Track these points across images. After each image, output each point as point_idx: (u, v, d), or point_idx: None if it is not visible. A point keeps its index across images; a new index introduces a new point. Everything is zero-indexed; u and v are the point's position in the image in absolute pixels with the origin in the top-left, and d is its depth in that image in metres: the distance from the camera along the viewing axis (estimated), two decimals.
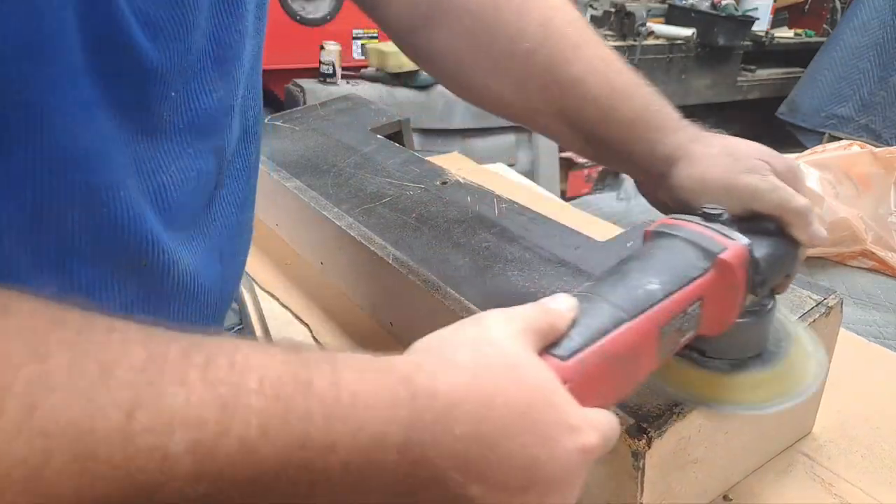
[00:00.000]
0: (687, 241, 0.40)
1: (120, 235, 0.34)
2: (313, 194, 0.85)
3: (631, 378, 0.37)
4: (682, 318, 0.38)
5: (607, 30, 3.08)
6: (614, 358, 0.34)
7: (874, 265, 1.11)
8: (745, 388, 0.45)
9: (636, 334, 0.35)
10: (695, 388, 0.45)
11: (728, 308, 0.41)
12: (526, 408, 0.28)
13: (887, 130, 2.64)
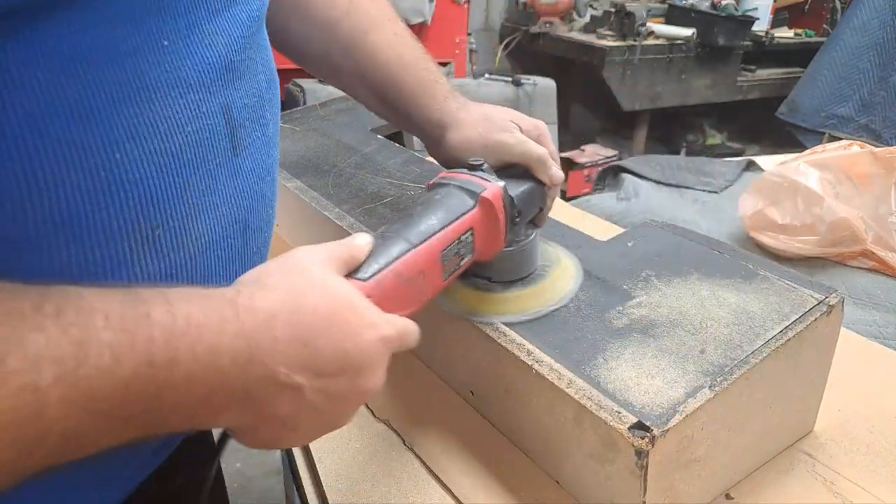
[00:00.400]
0: (457, 187, 0.52)
1: (122, 200, 0.35)
2: (314, 194, 0.85)
3: (423, 292, 0.46)
4: (458, 245, 0.49)
5: (607, 30, 3.08)
6: (405, 277, 0.44)
7: (874, 265, 1.11)
8: (511, 302, 0.58)
9: (421, 258, 0.45)
10: (475, 306, 0.58)
11: (494, 236, 0.53)
12: (331, 312, 0.35)
13: (887, 130, 2.64)
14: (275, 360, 0.32)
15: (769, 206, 1.14)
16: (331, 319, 0.35)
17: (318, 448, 0.61)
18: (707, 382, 0.47)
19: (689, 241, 0.65)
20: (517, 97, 2.61)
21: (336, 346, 0.35)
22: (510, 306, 0.57)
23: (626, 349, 0.51)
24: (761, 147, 3.81)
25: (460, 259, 0.50)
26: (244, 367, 0.32)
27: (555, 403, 0.50)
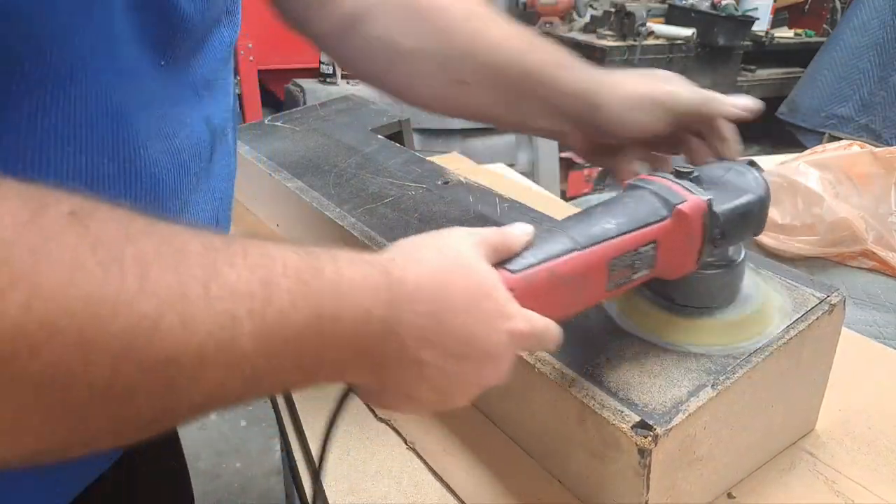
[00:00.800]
0: (653, 193, 0.46)
1: (138, 189, 0.40)
2: (315, 195, 0.85)
3: (578, 300, 0.43)
4: (633, 256, 0.44)
5: (607, 30, 3.09)
6: (560, 279, 0.40)
7: (874, 265, 1.11)
8: (706, 331, 0.50)
9: (583, 262, 0.41)
10: (661, 330, 0.51)
11: (684, 254, 0.46)
12: (471, 296, 0.35)
13: (887, 130, 2.65)
14: (409, 332, 0.34)
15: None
16: (468, 303, 0.35)
17: (318, 448, 0.61)
18: (710, 381, 0.47)
19: None
20: None
21: (466, 330, 0.35)
22: (707, 338, 0.50)
23: (629, 349, 0.51)
24: (761, 147, 3.81)
25: (633, 272, 0.45)
26: (385, 336, 0.33)
27: (557, 403, 0.50)
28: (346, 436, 0.62)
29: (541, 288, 0.40)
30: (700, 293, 0.51)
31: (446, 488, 0.56)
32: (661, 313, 0.52)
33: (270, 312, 0.28)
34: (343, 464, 0.59)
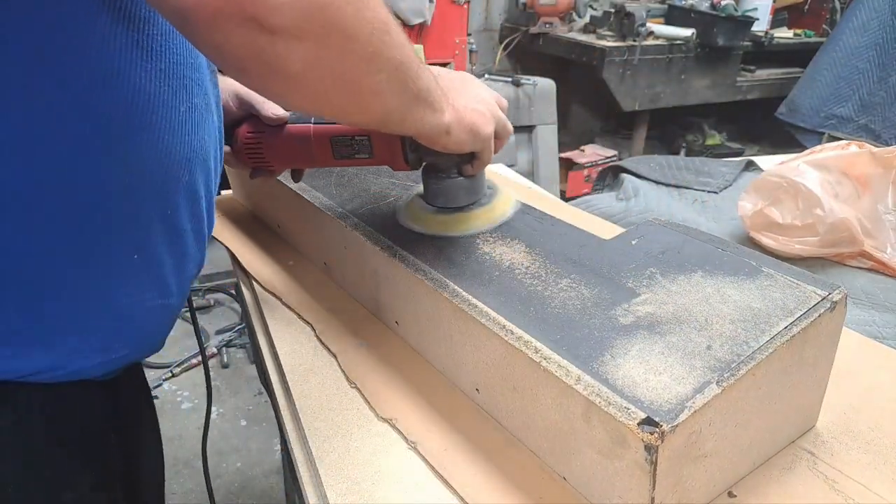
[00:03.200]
0: None
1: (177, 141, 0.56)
2: (316, 195, 0.85)
3: (317, 156, 0.74)
4: (350, 140, 0.71)
5: (607, 30, 3.09)
6: (294, 138, 0.74)
7: (873, 265, 1.11)
8: (457, 222, 0.73)
9: (317, 132, 0.72)
10: (435, 226, 0.73)
11: (392, 153, 0.70)
12: (463, 78, 0.68)
13: (886, 131, 2.65)
14: (443, 86, 0.59)
15: (768, 207, 1.14)
16: (464, 79, 0.68)
17: (318, 448, 0.61)
18: (714, 378, 0.47)
19: (692, 239, 0.66)
20: (517, 97, 2.62)
21: (470, 87, 0.67)
22: (456, 226, 0.73)
23: (633, 346, 0.51)
24: (761, 147, 3.82)
25: (354, 152, 0.72)
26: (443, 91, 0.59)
27: (563, 400, 0.51)
28: (348, 436, 0.62)
29: (286, 137, 0.74)
30: (448, 197, 0.74)
31: (448, 487, 0.56)
32: (430, 214, 0.74)
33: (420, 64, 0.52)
34: (343, 464, 0.59)
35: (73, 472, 0.56)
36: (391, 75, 0.48)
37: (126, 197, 0.51)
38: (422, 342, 0.71)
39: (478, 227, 0.72)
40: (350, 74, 0.45)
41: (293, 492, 1.32)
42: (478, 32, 3.46)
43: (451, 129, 0.59)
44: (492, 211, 0.74)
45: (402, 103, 0.52)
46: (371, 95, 0.48)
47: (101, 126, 0.48)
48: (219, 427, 1.99)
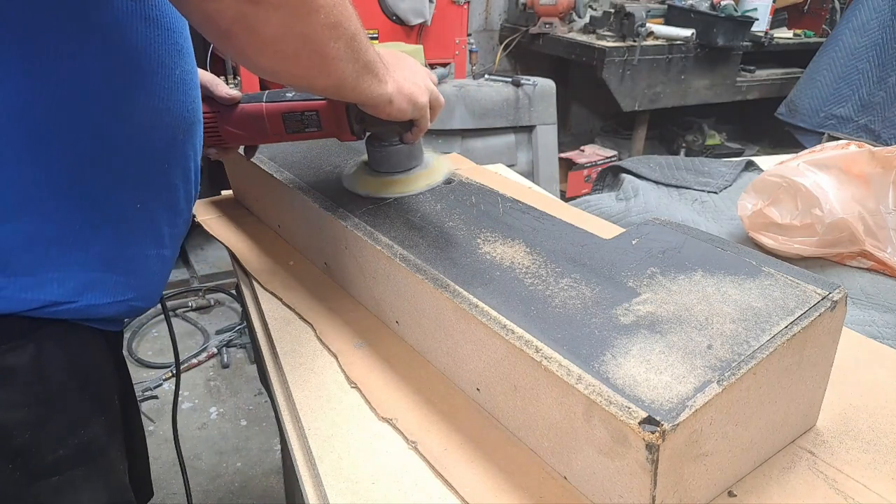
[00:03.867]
0: None
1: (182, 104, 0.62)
2: (317, 195, 0.85)
3: (270, 130, 0.82)
4: (300, 115, 0.80)
5: (607, 30, 3.09)
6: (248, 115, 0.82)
7: (872, 265, 1.11)
8: (396, 185, 0.83)
9: (269, 110, 0.81)
10: (381, 189, 0.83)
11: (339, 126, 0.79)
12: (398, 56, 0.74)
13: (886, 130, 2.65)
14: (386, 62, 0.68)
15: (768, 207, 1.14)
16: (399, 56, 0.74)
17: (318, 447, 0.61)
18: (715, 377, 0.47)
19: (692, 239, 0.66)
20: (517, 97, 2.62)
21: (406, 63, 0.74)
22: (396, 187, 0.82)
23: (634, 345, 0.51)
24: (760, 147, 3.82)
25: (304, 126, 0.81)
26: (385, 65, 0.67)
27: (564, 399, 0.51)
28: (348, 436, 0.62)
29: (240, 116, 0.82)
30: (392, 163, 0.84)
31: (448, 487, 0.56)
32: (374, 178, 0.84)
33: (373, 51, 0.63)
34: (343, 464, 0.59)
35: (89, 413, 0.59)
36: (347, 44, 0.58)
37: (130, 152, 0.56)
38: (422, 342, 0.71)
39: (420, 187, 0.83)
40: (316, 38, 0.54)
41: (293, 492, 1.32)
42: (478, 32, 3.46)
43: (393, 98, 0.68)
44: (431, 174, 0.85)
45: (355, 70, 0.61)
46: (331, 60, 0.57)
47: (106, 84, 0.53)
48: (219, 427, 1.99)
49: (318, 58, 0.56)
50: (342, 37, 0.57)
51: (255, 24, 0.50)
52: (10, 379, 0.52)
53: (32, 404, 0.54)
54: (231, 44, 0.52)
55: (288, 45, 0.53)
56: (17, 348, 0.52)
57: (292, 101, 0.80)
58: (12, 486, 0.53)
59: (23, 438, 0.53)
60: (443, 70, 2.53)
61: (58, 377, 0.56)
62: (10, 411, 0.52)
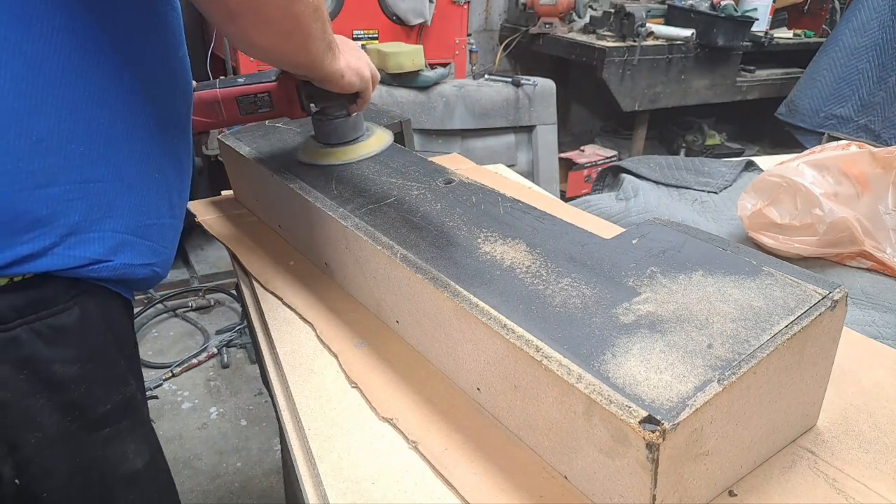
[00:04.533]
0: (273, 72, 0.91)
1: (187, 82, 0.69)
2: (317, 195, 0.85)
3: (227, 114, 0.90)
4: (253, 98, 0.89)
5: (607, 30, 3.09)
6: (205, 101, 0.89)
7: (872, 265, 1.11)
8: (340, 153, 0.94)
9: (220, 95, 0.89)
10: (330, 158, 0.94)
11: (290, 104, 0.90)
12: (341, 37, 0.82)
13: (886, 131, 2.65)
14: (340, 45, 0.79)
15: (768, 207, 1.14)
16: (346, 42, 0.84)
17: (318, 447, 0.61)
18: (715, 376, 0.47)
19: (692, 238, 0.66)
20: (517, 97, 2.62)
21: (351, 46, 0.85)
22: (344, 156, 0.93)
23: (634, 345, 0.51)
24: (761, 147, 3.82)
25: (258, 108, 0.90)
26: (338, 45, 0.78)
27: (564, 399, 0.51)
28: (348, 436, 0.62)
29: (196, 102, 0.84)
30: (338, 134, 0.94)
31: (448, 487, 0.56)
32: (321, 149, 0.95)
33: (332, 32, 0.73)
34: (343, 463, 0.59)
35: (125, 372, 0.64)
36: (322, 25, 0.68)
37: (154, 123, 0.61)
38: (422, 341, 0.71)
39: (364, 154, 0.94)
40: (304, 20, 0.64)
41: (293, 492, 1.32)
42: (478, 32, 3.46)
43: (344, 72, 0.80)
44: (374, 141, 0.96)
45: (323, 48, 0.72)
46: (312, 39, 0.68)
47: (149, 56, 0.60)
48: (219, 427, 1.99)
49: (303, 37, 0.66)
50: (319, 18, 0.67)
51: (260, 6, 0.59)
52: (63, 337, 0.56)
53: (83, 361, 0.58)
54: (236, 24, 0.60)
55: (284, 25, 0.63)
56: (65, 310, 0.56)
57: (245, 84, 0.89)
58: (71, 437, 0.58)
59: (78, 392, 0.58)
60: (443, 70, 2.53)
61: (100, 337, 0.60)
62: (66, 367, 0.57)
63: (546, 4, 3.15)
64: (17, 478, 0.56)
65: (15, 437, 0.55)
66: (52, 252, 0.53)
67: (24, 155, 0.50)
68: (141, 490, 0.65)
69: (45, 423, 0.56)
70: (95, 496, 0.61)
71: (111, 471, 0.62)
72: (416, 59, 2.31)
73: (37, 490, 0.57)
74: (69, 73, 0.52)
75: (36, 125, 0.51)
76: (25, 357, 0.54)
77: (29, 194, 0.51)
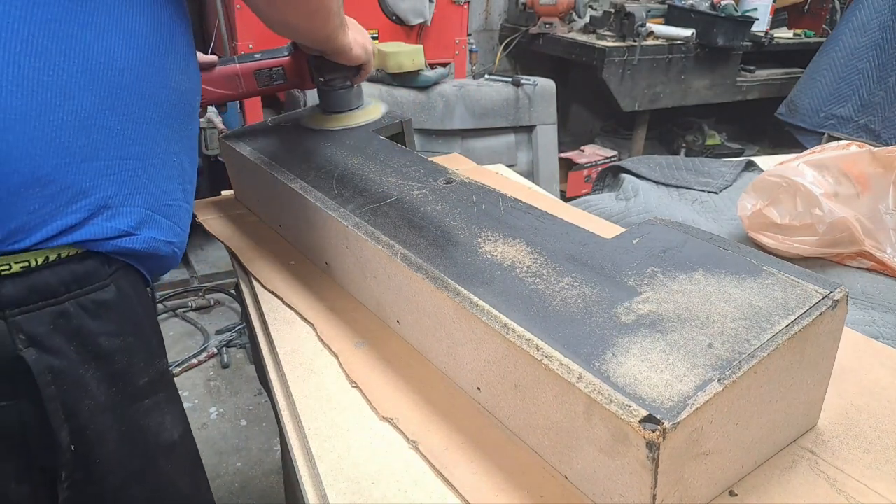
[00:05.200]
0: (287, 47, 1.04)
1: None
2: (318, 195, 0.85)
3: (248, 86, 1.01)
4: (269, 71, 1.01)
5: (607, 30, 3.09)
6: (227, 75, 1.00)
7: (873, 265, 1.11)
8: (343, 119, 1.05)
9: (241, 69, 1.00)
10: (334, 123, 1.05)
11: (302, 76, 1.03)
12: (350, 19, 0.94)
13: (886, 130, 2.65)
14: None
15: (768, 207, 1.14)
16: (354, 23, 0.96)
17: (318, 447, 0.61)
18: (716, 376, 0.47)
19: (693, 238, 0.66)
20: (517, 97, 2.62)
21: (359, 28, 0.97)
22: (348, 121, 1.05)
23: (635, 344, 0.51)
24: (761, 147, 3.82)
25: (273, 80, 1.02)
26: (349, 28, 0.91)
27: (564, 398, 0.51)
28: (348, 436, 0.62)
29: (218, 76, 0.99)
30: (343, 102, 1.05)
31: (448, 486, 0.56)
32: (325, 117, 1.06)
33: None
34: (343, 463, 0.59)
35: (157, 347, 0.68)
36: (338, 3, 0.78)
37: (174, 114, 0.64)
38: (423, 341, 0.71)
39: (365, 120, 1.06)
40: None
41: (293, 492, 1.32)
42: (478, 32, 3.46)
43: (352, 46, 0.92)
44: (373, 110, 1.08)
45: (338, 24, 0.83)
46: (331, 14, 0.78)
47: (178, 45, 0.65)
48: (219, 427, 1.99)
49: (325, 12, 0.76)
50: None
51: None
52: (106, 312, 0.60)
53: (124, 334, 0.62)
54: (275, 6, 0.72)
55: (312, 5, 0.74)
56: (105, 286, 0.60)
57: (261, 59, 1.01)
58: (116, 407, 0.62)
59: (121, 364, 0.62)
60: (443, 70, 2.53)
61: (136, 312, 0.64)
62: (110, 339, 0.60)
63: (546, 4, 3.15)
64: (72, 444, 0.59)
65: (72, 403, 0.58)
66: (89, 223, 0.57)
67: (73, 130, 0.54)
68: (178, 458, 0.70)
69: (95, 392, 0.60)
70: (140, 463, 0.65)
71: (153, 439, 0.66)
72: (416, 58, 2.31)
73: (90, 456, 0.61)
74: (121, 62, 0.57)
75: (83, 102, 0.54)
76: (75, 329, 0.58)
77: (77, 167, 0.55)
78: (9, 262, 0.53)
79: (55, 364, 0.56)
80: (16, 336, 0.55)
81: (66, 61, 0.53)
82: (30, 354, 0.55)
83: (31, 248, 0.54)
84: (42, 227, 0.54)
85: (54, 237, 0.54)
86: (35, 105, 0.51)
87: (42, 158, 0.52)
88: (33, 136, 0.51)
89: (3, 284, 0.54)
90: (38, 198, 0.53)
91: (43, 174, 0.53)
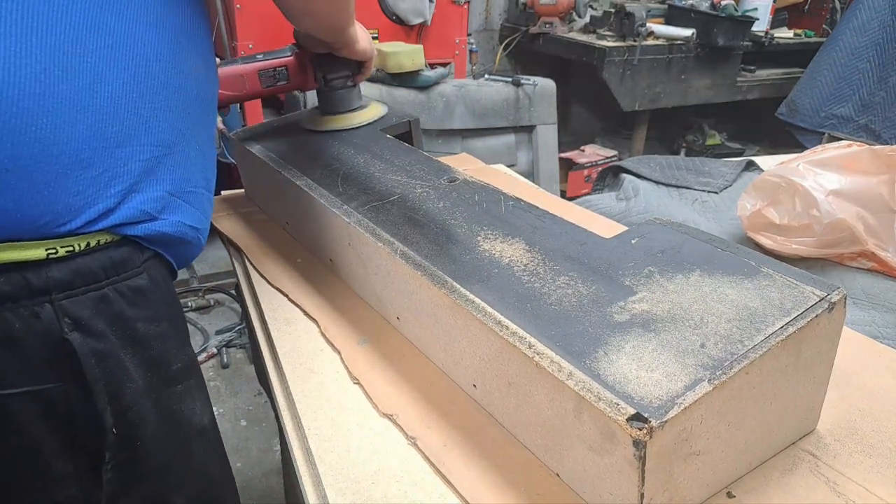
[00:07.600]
0: (289, 47, 1.03)
1: None
2: (323, 192, 0.85)
3: (252, 87, 1.01)
4: (272, 71, 1.01)
5: (607, 30, 3.09)
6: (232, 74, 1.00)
7: (873, 266, 1.11)
8: (347, 119, 1.06)
9: (244, 70, 1.00)
10: (334, 124, 1.06)
11: (305, 77, 1.03)
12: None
13: (887, 130, 2.65)
14: None
15: (768, 207, 1.14)
16: None
17: (318, 447, 0.61)
18: (706, 376, 0.47)
19: (692, 239, 0.66)
20: (517, 97, 2.62)
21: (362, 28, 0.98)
22: (349, 121, 1.06)
23: (627, 343, 0.51)
24: (761, 147, 3.82)
25: (276, 80, 1.02)
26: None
27: (555, 396, 0.51)
28: (348, 435, 0.62)
29: (221, 77, 0.95)
30: (343, 103, 1.06)
31: (447, 484, 0.56)
32: (326, 118, 1.07)
33: None
34: (343, 462, 0.59)
35: (186, 335, 0.70)
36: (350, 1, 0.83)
37: (196, 104, 0.66)
38: (421, 338, 0.71)
39: (365, 120, 1.07)
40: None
41: (293, 492, 1.32)
42: (478, 32, 3.46)
43: (358, 40, 0.95)
44: (373, 110, 1.09)
45: (349, 15, 0.87)
46: (350, 8, 0.84)
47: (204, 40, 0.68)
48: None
49: (346, 5, 0.81)
50: None
51: None
52: (142, 298, 0.62)
53: (158, 321, 0.64)
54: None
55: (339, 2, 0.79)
56: (138, 273, 0.62)
57: (264, 60, 1.01)
58: (152, 391, 0.63)
59: (157, 349, 0.63)
60: (443, 70, 2.53)
61: (167, 300, 0.66)
62: (147, 325, 0.62)
63: (546, 4, 3.15)
64: (114, 426, 0.61)
65: (115, 385, 0.60)
66: (123, 205, 0.58)
67: (109, 116, 0.56)
68: (209, 443, 0.73)
69: (134, 375, 0.61)
70: (176, 446, 0.68)
71: (186, 423, 0.68)
72: (416, 58, 2.31)
73: (132, 438, 0.63)
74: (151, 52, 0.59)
75: (117, 89, 0.56)
76: (115, 314, 0.59)
77: (111, 152, 0.57)
78: (55, 245, 0.55)
79: (98, 347, 0.58)
80: (62, 320, 0.56)
81: (102, 49, 0.55)
82: (75, 338, 0.57)
83: (75, 231, 0.56)
84: (85, 209, 0.56)
85: (95, 220, 0.56)
86: (77, 90, 0.54)
87: (84, 142, 0.54)
88: (76, 120, 0.54)
89: (50, 269, 0.55)
90: (82, 180, 0.55)
91: (85, 157, 0.55)
